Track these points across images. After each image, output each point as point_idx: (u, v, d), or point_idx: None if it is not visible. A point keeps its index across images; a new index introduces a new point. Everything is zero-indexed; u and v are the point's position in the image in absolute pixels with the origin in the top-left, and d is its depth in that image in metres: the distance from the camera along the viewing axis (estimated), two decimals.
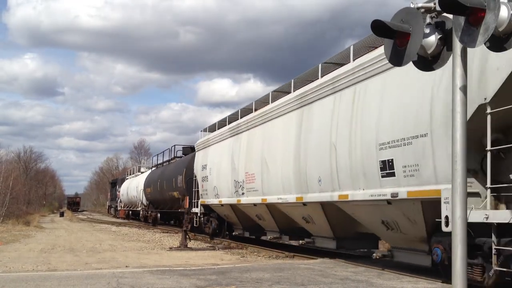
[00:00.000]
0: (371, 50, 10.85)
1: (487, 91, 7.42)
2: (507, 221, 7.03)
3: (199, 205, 21.96)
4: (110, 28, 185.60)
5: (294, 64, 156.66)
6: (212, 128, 22.03)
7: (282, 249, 16.06)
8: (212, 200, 20.29)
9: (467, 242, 7.89)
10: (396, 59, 6.26)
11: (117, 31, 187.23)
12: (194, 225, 22.41)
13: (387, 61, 9.67)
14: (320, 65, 12.93)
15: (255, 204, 16.01)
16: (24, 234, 25.19)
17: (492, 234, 7.36)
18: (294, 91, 14.11)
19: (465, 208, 5.62)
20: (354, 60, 11.23)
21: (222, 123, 20.61)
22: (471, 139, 7.67)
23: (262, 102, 16.71)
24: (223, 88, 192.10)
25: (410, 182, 8.94)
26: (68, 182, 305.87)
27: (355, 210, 11.12)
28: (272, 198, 14.60)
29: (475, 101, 7.59)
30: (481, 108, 7.50)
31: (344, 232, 12.67)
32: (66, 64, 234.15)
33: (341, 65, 11.97)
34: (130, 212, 45.91)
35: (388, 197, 9.45)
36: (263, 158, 15.28)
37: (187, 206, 22.78)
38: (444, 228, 8.14)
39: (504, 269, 7.21)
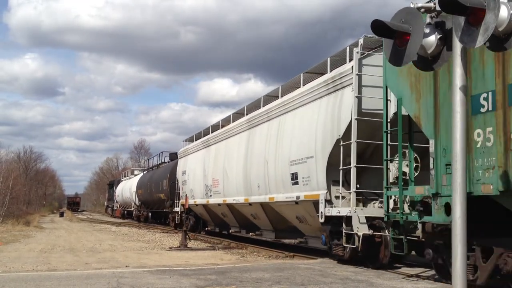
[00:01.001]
0: (293, 90, 15.11)
1: (341, 130, 11.68)
2: (347, 214, 11.30)
3: (180, 205, 26.39)
4: (111, 28, 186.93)
5: (295, 64, 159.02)
6: (191, 139, 26.46)
7: (282, 249, 16.66)
8: (191, 201, 24.51)
9: (338, 230, 12.21)
10: (396, 59, 6.33)
11: (117, 31, 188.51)
12: (176, 222, 26.88)
13: (296, 102, 14.10)
14: (262, 97, 17.24)
15: (219, 204, 20.23)
16: (24, 234, 25.34)
17: (343, 223, 11.62)
18: (246, 115, 18.41)
19: (465, 208, 5.60)
20: (281, 96, 15.54)
21: (198, 136, 24.97)
22: (338, 160, 11.94)
23: (226, 120, 21.00)
24: (224, 88, 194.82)
25: (306, 189, 13.17)
26: (68, 182, 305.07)
27: (281, 209, 15.35)
28: (229, 199, 18.85)
29: (335, 136, 11.87)
30: (338, 141, 11.76)
31: (280, 226, 16.82)
32: (66, 64, 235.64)
33: (277, 98, 16.26)
34: (125, 211, 50.35)
35: (295, 199, 13.70)
36: (224, 167, 19.54)
37: (187, 207, 25.50)
38: (320, 220, 12.41)
39: (353, 246, 11.41)
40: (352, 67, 11.39)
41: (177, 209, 26.80)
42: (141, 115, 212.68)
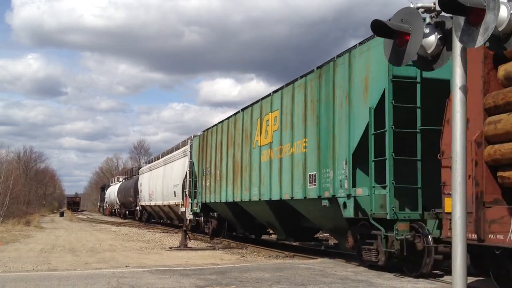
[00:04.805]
0: (177, 149, 31.67)
1: (184, 175, 28.18)
2: (185, 211, 27.74)
3: (138, 205, 43.76)
4: (114, 28, 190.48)
5: (298, 64, 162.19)
6: (148, 161, 44.24)
7: (282, 249, 17.54)
8: (143, 203, 41.66)
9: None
10: (396, 59, 6.66)
11: (120, 31, 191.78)
12: (137, 216, 44.44)
13: (176, 157, 31.49)
14: (170, 148, 34.29)
15: (155, 205, 36.96)
16: (24, 234, 26.61)
17: (185, 214, 28.11)
18: (166, 155, 35.23)
19: (465, 208, 6.03)
20: (176, 150, 32.30)
21: (150, 161, 42.46)
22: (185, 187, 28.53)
23: (161, 154, 37.96)
24: (226, 88, 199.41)
25: (177, 199, 29.56)
26: (68, 182, 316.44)
27: (173, 208, 31.67)
28: (157, 203, 35.57)
29: (183, 176, 28.39)
30: (184, 179, 28.26)
31: (178, 217, 32.53)
32: (69, 64, 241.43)
33: (178, 149, 32.78)
34: (112, 210, 66.82)
35: (175, 203, 30.13)
36: (156, 184, 36.29)
37: (187, 207, 28.84)
38: (179, 214, 28.87)
39: (187, 224, 27.79)
40: (188, 147, 27.70)
41: (137, 208, 44.35)
42: (142, 115, 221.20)
